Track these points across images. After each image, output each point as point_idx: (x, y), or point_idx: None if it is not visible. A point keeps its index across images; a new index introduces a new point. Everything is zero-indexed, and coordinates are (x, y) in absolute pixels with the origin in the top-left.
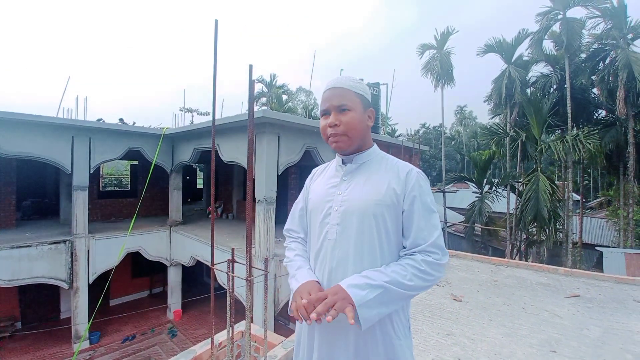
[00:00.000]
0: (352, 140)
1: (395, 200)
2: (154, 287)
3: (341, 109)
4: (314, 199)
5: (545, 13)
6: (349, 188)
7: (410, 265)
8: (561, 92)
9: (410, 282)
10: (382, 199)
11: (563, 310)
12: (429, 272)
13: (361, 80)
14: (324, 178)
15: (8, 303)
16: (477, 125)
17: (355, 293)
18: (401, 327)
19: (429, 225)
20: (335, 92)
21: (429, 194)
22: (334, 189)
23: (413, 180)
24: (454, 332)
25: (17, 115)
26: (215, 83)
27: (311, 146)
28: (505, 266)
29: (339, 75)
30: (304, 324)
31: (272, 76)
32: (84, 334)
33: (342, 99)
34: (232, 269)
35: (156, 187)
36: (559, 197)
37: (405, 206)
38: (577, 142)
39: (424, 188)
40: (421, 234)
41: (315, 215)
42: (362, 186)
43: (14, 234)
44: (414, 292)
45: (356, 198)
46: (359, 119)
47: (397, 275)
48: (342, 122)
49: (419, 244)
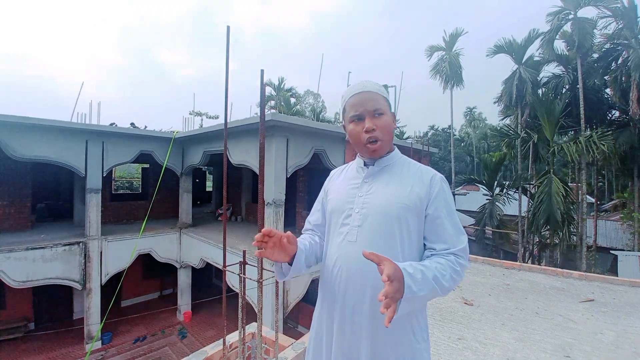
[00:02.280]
0: (388, 144)
1: (418, 204)
2: (165, 289)
3: (376, 113)
4: (334, 199)
5: (556, 13)
6: (371, 190)
7: (448, 266)
8: (573, 93)
9: (446, 284)
10: (405, 202)
11: (577, 314)
12: (460, 273)
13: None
14: (344, 179)
15: (22, 304)
16: (487, 126)
17: (408, 286)
18: (420, 331)
19: (456, 230)
20: (368, 96)
21: (451, 199)
22: (355, 190)
23: (437, 185)
24: (465, 336)
25: (33, 119)
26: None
27: (319, 149)
28: (517, 270)
29: (364, 80)
30: (323, 321)
31: (280, 79)
32: (96, 335)
33: (376, 103)
34: (244, 271)
35: (167, 189)
36: (572, 200)
37: (429, 211)
38: (590, 144)
39: (448, 194)
40: (451, 239)
41: (336, 216)
42: (384, 188)
43: (29, 236)
44: (445, 294)
45: (379, 200)
46: (390, 122)
47: (439, 274)
48: (378, 127)
49: (451, 248)
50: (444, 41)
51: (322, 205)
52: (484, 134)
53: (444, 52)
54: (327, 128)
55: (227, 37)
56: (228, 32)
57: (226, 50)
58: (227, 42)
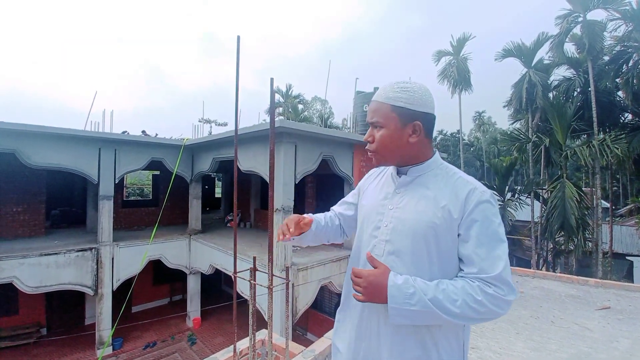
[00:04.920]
0: (386, 158)
1: (450, 223)
2: (174, 295)
3: (374, 125)
4: (366, 206)
5: (565, 16)
6: (402, 203)
7: (465, 291)
8: (585, 96)
9: (456, 310)
10: (435, 220)
11: (593, 322)
12: (484, 303)
13: (409, 87)
14: (378, 185)
15: (35, 309)
16: (497, 131)
17: (392, 295)
18: (449, 353)
19: (490, 255)
20: (373, 106)
21: (495, 218)
22: (386, 201)
23: (474, 202)
24: (478, 345)
25: (47, 128)
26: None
27: (328, 155)
28: (531, 277)
29: (383, 86)
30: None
31: (288, 86)
32: (107, 340)
33: (374, 115)
34: (254, 277)
35: (176, 196)
36: (587, 205)
37: (461, 230)
38: (604, 147)
39: (488, 212)
40: (482, 265)
41: (366, 226)
42: (415, 204)
43: (43, 242)
44: (459, 320)
45: (407, 216)
46: (392, 136)
47: (446, 297)
48: (375, 139)
49: (480, 274)
50: (452, 46)
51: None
52: (494, 138)
53: (452, 57)
54: (335, 134)
55: (237, 46)
56: (238, 42)
57: (236, 59)
58: (237, 52)
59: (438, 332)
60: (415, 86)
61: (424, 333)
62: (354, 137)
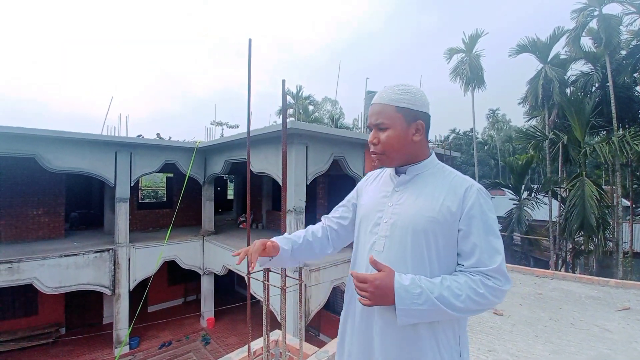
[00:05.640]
0: (391, 158)
1: (449, 219)
2: (188, 295)
3: (379, 127)
4: (365, 205)
5: (580, 10)
6: (401, 200)
7: (468, 285)
8: (604, 91)
9: (461, 304)
10: (434, 215)
11: (613, 324)
12: (486, 296)
13: (409, 89)
14: (378, 185)
15: (54, 310)
16: (512, 128)
17: (401, 297)
18: (448, 349)
19: (490, 248)
20: (374, 108)
21: (490, 213)
22: (385, 199)
23: (472, 198)
24: (496, 348)
25: (66, 133)
26: (250, 99)
27: (339, 155)
28: (550, 278)
29: (384, 87)
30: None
31: (298, 87)
32: (125, 339)
33: (379, 117)
34: (268, 278)
35: (190, 198)
36: (607, 203)
37: (462, 226)
38: (623, 144)
39: (485, 207)
40: (481, 258)
41: (365, 223)
42: (414, 200)
43: (62, 244)
44: (462, 314)
45: (407, 212)
46: (398, 136)
47: (451, 294)
48: (380, 141)
49: (479, 267)
50: (464, 43)
51: (348, 204)
52: (509, 136)
53: (464, 54)
54: (345, 134)
55: (249, 49)
56: (250, 45)
57: (248, 61)
58: (249, 54)
59: (437, 326)
60: (414, 88)
61: (425, 329)
62: (365, 137)
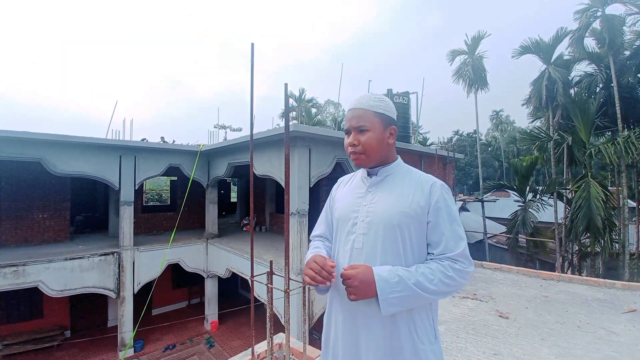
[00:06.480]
0: (370, 158)
1: (419, 212)
2: (192, 298)
3: (359, 129)
4: (340, 208)
5: (583, 10)
6: (375, 199)
7: (439, 270)
8: (608, 91)
9: (434, 287)
10: (406, 210)
11: (620, 326)
12: (455, 278)
13: (384, 98)
14: (350, 188)
15: (59, 312)
16: (516, 130)
17: (381, 288)
18: (425, 332)
19: (455, 235)
20: (355, 113)
21: (453, 205)
22: (359, 200)
23: (437, 192)
24: (501, 351)
25: (72, 137)
26: (252, 102)
27: (342, 158)
28: (556, 280)
29: (361, 95)
30: (331, 321)
31: (300, 90)
32: (129, 342)
33: (360, 120)
34: (271, 281)
35: (193, 201)
36: (613, 205)
37: (430, 217)
38: (629, 144)
39: (448, 200)
40: (448, 244)
41: (343, 224)
42: (387, 198)
43: (67, 247)
44: (436, 297)
45: (381, 209)
46: (377, 138)
47: (425, 279)
48: (360, 142)
49: (447, 253)
50: (466, 45)
51: (327, 215)
52: (513, 137)
53: (467, 56)
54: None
55: (251, 53)
56: (252, 49)
57: (251, 65)
58: (251, 58)
59: (414, 314)
60: (386, 98)
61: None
62: None
